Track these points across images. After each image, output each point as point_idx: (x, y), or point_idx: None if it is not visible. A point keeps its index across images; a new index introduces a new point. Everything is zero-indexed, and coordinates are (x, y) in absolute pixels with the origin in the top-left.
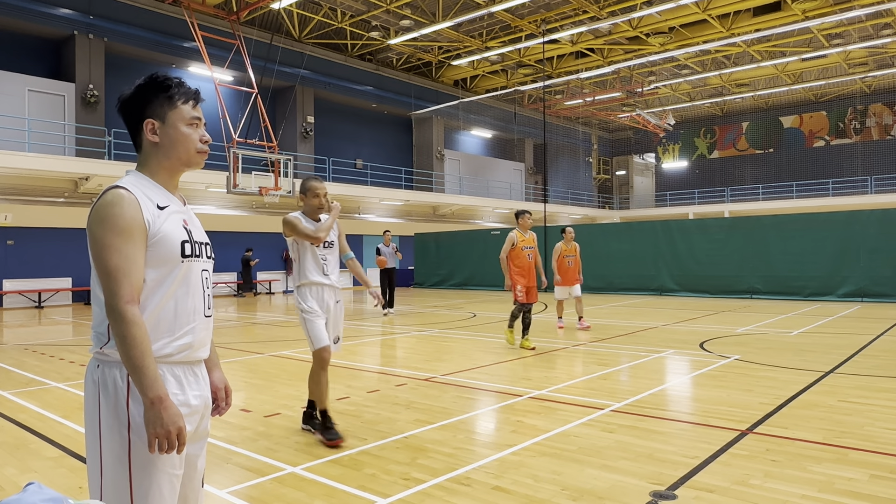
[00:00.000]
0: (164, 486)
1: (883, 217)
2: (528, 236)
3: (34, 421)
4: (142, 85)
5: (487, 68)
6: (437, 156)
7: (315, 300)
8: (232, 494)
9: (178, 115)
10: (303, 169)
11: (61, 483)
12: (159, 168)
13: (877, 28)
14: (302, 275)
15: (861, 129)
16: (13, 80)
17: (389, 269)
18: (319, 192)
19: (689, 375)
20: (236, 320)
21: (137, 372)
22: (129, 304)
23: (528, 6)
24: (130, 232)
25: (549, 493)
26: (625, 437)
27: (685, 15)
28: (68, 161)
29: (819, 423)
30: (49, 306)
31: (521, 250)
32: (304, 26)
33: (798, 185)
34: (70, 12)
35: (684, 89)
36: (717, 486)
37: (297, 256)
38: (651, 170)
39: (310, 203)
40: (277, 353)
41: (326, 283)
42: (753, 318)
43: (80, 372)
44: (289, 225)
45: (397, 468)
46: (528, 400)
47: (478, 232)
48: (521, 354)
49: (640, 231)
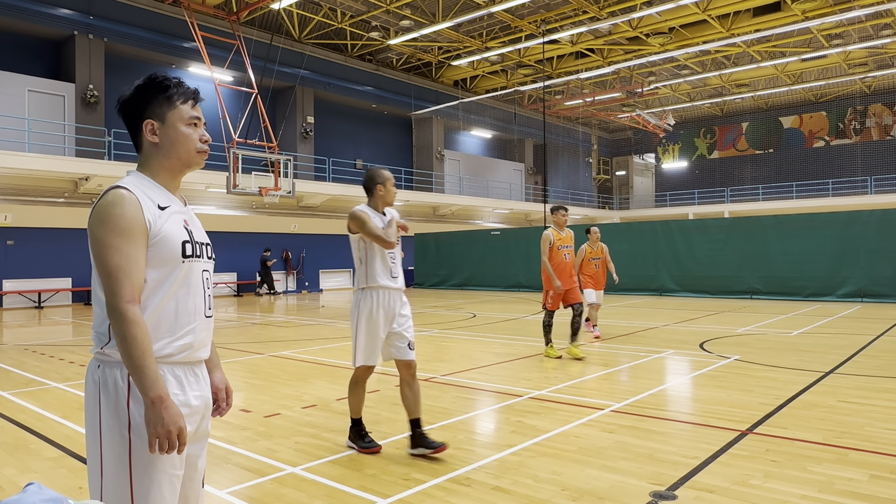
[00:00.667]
0: (164, 486)
1: (883, 217)
2: (566, 234)
3: (34, 421)
4: (141, 85)
5: (487, 68)
6: (437, 156)
7: (382, 308)
8: (232, 495)
9: (177, 115)
10: (303, 169)
11: (61, 483)
12: (160, 169)
13: (877, 28)
14: (369, 277)
15: (861, 130)
16: (13, 80)
17: None
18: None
19: (689, 376)
20: (236, 320)
21: (138, 372)
22: (130, 304)
23: (528, 6)
24: (131, 232)
25: (549, 494)
26: (625, 438)
27: (685, 15)
28: (68, 161)
29: (819, 423)
30: (49, 306)
31: (557, 250)
32: (303, 26)
33: (798, 185)
34: (70, 12)
35: (684, 89)
36: (717, 487)
37: (362, 256)
38: (651, 170)
39: (385, 195)
40: (277, 353)
41: (395, 286)
42: (753, 318)
43: (79, 372)
44: (357, 221)
45: (397, 468)
46: (528, 400)
47: (478, 232)
48: (522, 354)
49: (639, 231)
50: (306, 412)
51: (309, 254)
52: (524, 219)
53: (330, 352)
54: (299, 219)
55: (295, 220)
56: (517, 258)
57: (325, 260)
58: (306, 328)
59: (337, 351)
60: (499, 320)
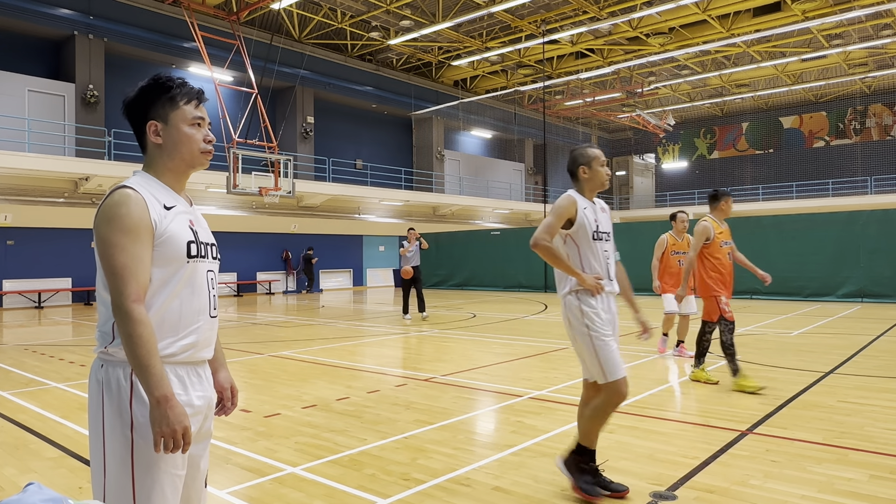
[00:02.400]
0: (166, 486)
1: (883, 217)
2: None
3: (34, 421)
4: (144, 86)
5: (487, 69)
6: (437, 156)
7: (606, 314)
8: (232, 495)
9: (181, 116)
10: (303, 169)
11: (61, 483)
12: (164, 169)
13: (877, 28)
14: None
15: (861, 130)
16: (13, 80)
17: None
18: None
19: (689, 376)
20: (236, 320)
21: (144, 371)
22: (136, 304)
23: (528, 6)
24: (137, 231)
25: (549, 494)
26: (625, 438)
27: (685, 15)
28: (68, 161)
29: (819, 423)
30: (49, 306)
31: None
32: (303, 26)
33: (798, 185)
34: (70, 12)
35: (684, 90)
36: (717, 487)
37: (569, 252)
38: (651, 170)
39: (591, 177)
40: (277, 353)
41: (611, 289)
42: (753, 318)
43: (79, 372)
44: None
45: (397, 468)
46: (528, 400)
47: (478, 232)
48: (522, 354)
49: (639, 231)
50: (306, 412)
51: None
52: (524, 219)
53: (330, 352)
54: (299, 219)
55: (295, 220)
56: (517, 258)
57: (325, 260)
58: (306, 328)
59: (337, 351)
60: (499, 320)
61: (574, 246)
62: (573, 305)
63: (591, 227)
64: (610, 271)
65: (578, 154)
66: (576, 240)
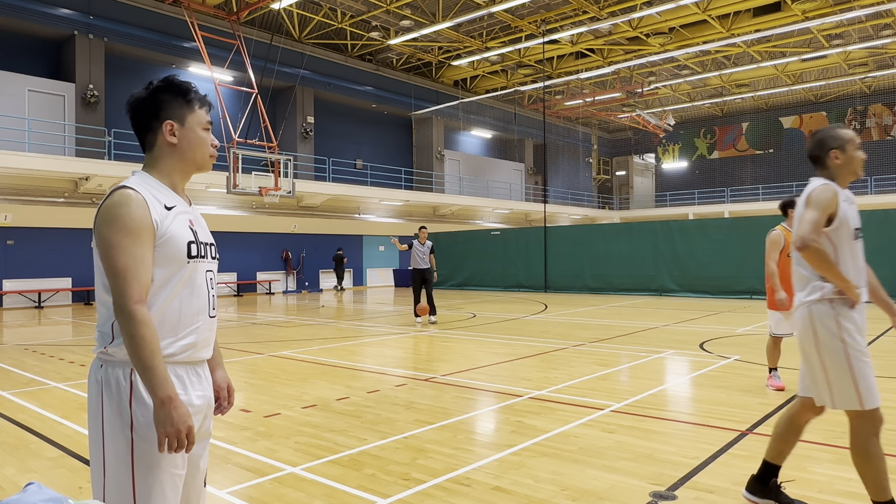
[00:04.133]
0: (166, 486)
1: (883, 217)
2: None
3: (34, 421)
4: (160, 87)
5: (487, 68)
6: (437, 156)
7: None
8: (232, 494)
9: (196, 119)
10: (303, 169)
11: (61, 483)
12: (172, 170)
13: (877, 28)
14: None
15: (861, 130)
16: (13, 80)
17: (423, 270)
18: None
19: (688, 376)
20: (236, 320)
21: (147, 372)
22: (139, 304)
23: (528, 6)
24: (139, 232)
25: (549, 494)
26: (625, 438)
27: (685, 15)
28: (68, 161)
29: (819, 423)
30: (49, 306)
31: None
32: (304, 26)
33: (798, 185)
34: (70, 12)
35: (684, 90)
36: (717, 487)
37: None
38: (651, 170)
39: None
40: (277, 353)
41: (865, 298)
42: (753, 318)
43: (79, 372)
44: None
45: (397, 468)
46: (528, 400)
47: (478, 232)
48: (522, 354)
49: (639, 231)
50: (306, 412)
51: (309, 254)
52: (524, 219)
53: (330, 352)
54: (299, 219)
55: (295, 220)
56: (517, 258)
57: (325, 260)
58: (306, 328)
59: (337, 351)
60: (499, 320)
61: (831, 246)
62: (826, 315)
63: (853, 224)
64: (863, 276)
65: (829, 136)
66: (835, 240)
